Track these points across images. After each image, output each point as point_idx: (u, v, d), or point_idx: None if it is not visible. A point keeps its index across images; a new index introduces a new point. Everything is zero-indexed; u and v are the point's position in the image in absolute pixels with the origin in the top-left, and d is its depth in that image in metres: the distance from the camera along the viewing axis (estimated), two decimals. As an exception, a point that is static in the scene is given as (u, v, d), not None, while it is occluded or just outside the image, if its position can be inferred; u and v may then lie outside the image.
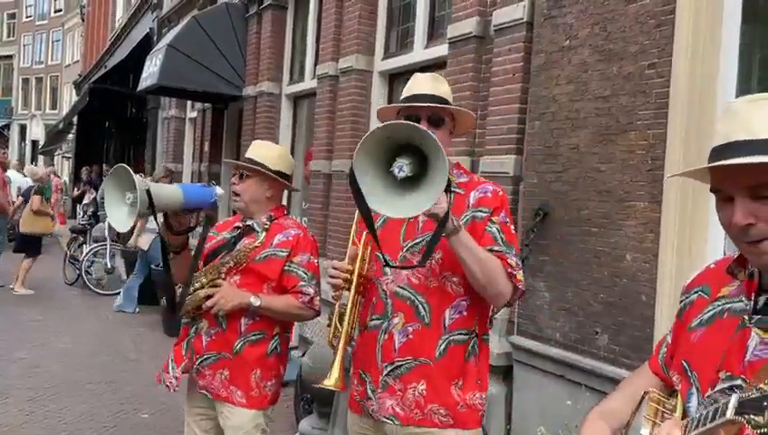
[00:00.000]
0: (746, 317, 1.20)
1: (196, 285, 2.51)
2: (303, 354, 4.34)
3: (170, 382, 2.59)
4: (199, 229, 2.59)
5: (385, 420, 2.02)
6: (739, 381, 1.16)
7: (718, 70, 3.08)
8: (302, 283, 2.52)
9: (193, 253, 2.54)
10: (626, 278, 3.31)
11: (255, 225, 2.60)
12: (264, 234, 2.54)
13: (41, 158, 30.72)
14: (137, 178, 2.24)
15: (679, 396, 1.27)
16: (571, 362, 3.52)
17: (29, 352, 6.20)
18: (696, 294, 1.36)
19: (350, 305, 2.04)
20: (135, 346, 6.65)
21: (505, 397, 3.92)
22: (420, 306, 1.98)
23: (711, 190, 1.20)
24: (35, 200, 9.27)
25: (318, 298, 2.56)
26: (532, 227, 3.78)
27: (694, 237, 3.12)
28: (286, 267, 2.53)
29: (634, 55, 3.32)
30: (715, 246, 3.10)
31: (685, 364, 1.29)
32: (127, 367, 5.95)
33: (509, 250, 1.96)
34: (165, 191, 2.39)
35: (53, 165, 24.32)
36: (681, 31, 3.11)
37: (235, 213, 2.71)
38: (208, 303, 2.44)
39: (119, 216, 2.30)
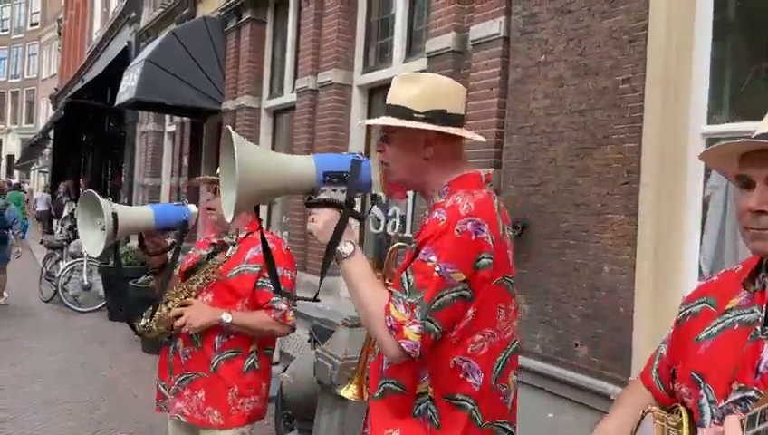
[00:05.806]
0: (758, 329, 1.19)
1: (169, 305, 2.50)
2: (284, 370, 4.31)
3: (165, 407, 2.58)
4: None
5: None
6: (752, 393, 1.15)
7: (691, 84, 3.14)
8: (275, 298, 2.46)
9: (167, 269, 2.56)
10: (604, 290, 3.33)
11: (228, 239, 2.60)
12: (233, 248, 2.52)
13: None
14: (104, 202, 2.30)
15: (684, 413, 1.25)
16: (552, 375, 3.53)
17: (4, 372, 6.08)
18: (699, 306, 1.35)
19: None
20: (112, 365, 6.55)
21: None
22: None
23: (736, 177, 1.21)
24: None
25: (291, 313, 2.51)
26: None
27: (669, 249, 3.16)
28: (258, 283, 2.48)
29: (609, 70, 3.37)
30: (690, 257, 3.14)
31: (696, 376, 1.26)
32: (104, 386, 5.85)
33: (407, 296, 1.51)
34: (133, 214, 2.46)
35: (28, 180, 23.96)
36: (654, 46, 3.17)
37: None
38: (177, 323, 2.43)
39: (92, 240, 2.37)
